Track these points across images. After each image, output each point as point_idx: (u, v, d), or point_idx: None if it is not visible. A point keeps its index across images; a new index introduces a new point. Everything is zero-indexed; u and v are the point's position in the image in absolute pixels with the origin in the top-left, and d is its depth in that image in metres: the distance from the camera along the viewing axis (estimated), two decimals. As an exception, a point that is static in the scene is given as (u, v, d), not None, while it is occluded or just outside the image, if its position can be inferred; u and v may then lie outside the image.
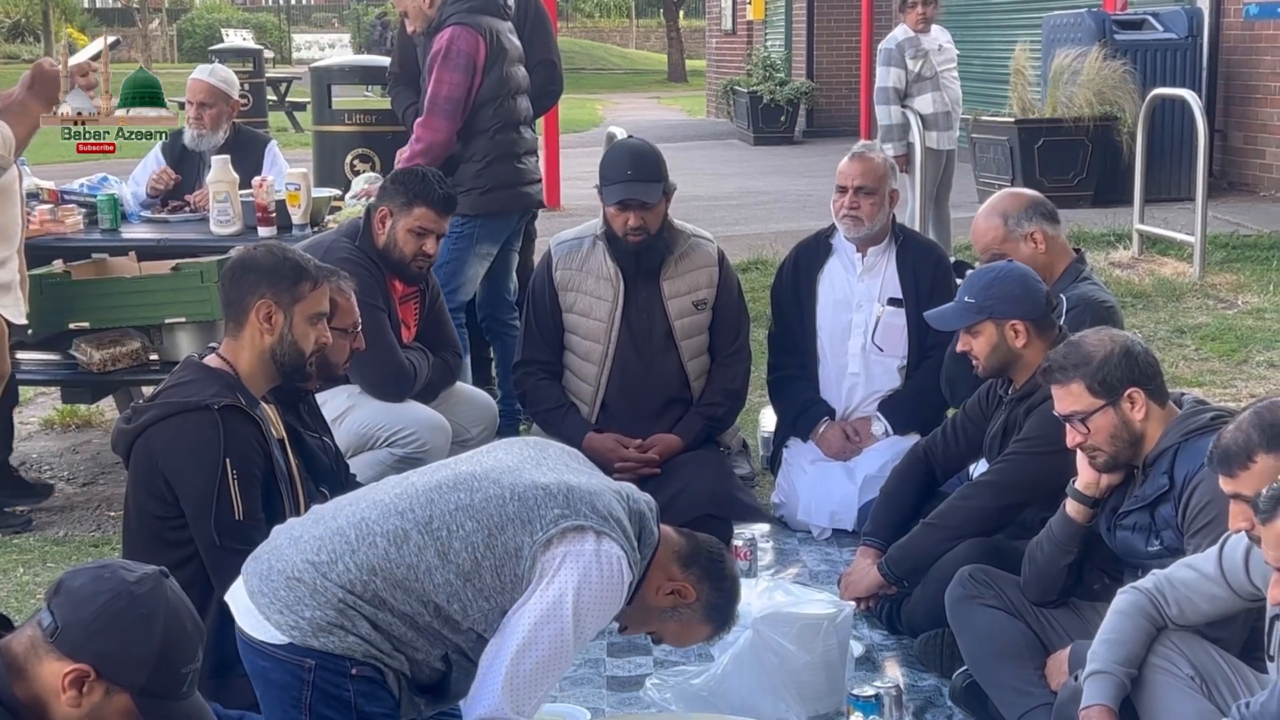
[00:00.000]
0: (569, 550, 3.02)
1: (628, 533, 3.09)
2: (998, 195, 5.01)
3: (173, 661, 2.49)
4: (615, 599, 3.06)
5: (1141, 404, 3.53)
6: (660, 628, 3.32)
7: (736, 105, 20.51)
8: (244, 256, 3.90)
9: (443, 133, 5.98)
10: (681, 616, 3.26)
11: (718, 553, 3.32)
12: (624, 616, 3.27)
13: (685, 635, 3.36)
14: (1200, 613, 3.20)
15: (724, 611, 3.31)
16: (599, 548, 3.03)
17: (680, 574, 3.23)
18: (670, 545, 3.24)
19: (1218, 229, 10.08)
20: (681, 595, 3.22)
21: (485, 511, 3.07)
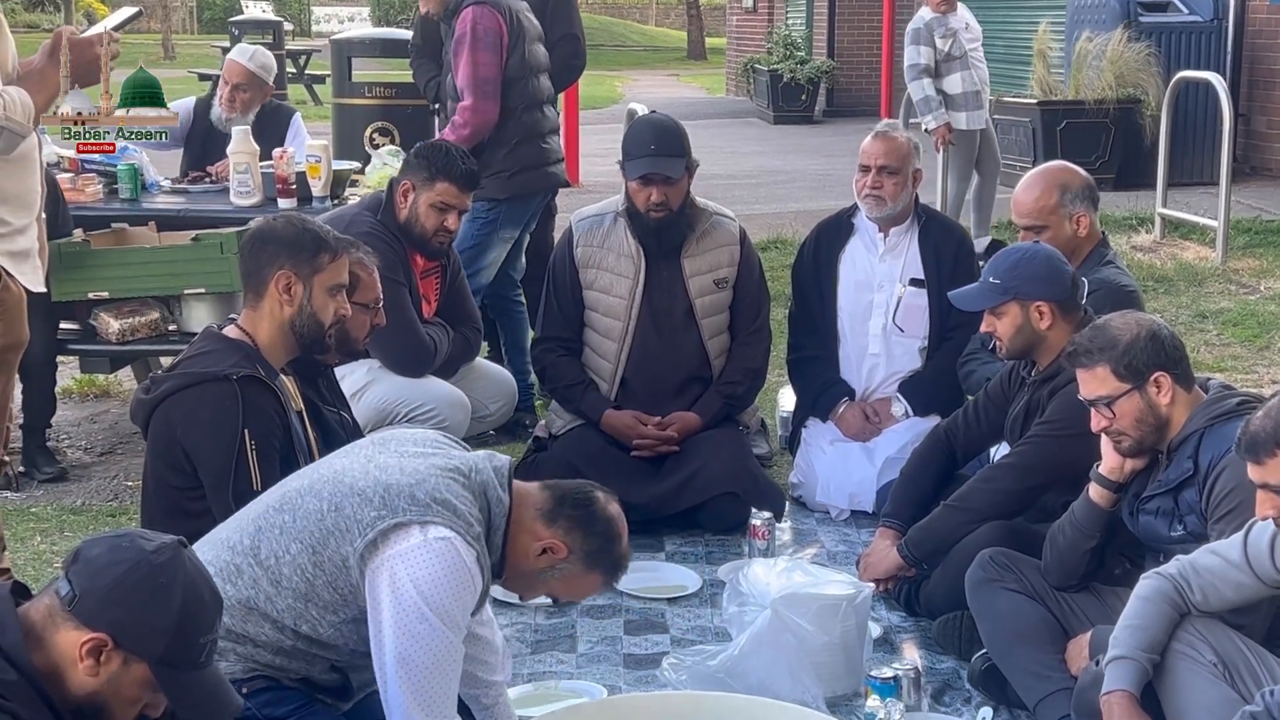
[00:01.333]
0: (394, 551, 2.94)
1: (459, 511, 2.99)
2: (1055, 166, 4.93)
3: (190, 631, 2.49)
4: (462, 580, 2.94)
5: (1167, 388, 3.51)
6: (547, 588, 3.22)
7: (756, 84, 20.44)
8: (263, 227, 3.89)
9: (489, 113, 5.92)
10: (562, 573, 3.15)
11: (584, 497, 3.17)
12: (509, 585, 3.22)
13: (575, 589, 3.24)
14: (1224, 599, 3.17)
15: (607, 556, 3.17)
16: (425, 538, 2.94)
17: (546, 531, 3.11)
18: (530, 505, 3.12)
19: (1240, 214, 10.03)
20: (553, 552, 3.11)
21: (306, 530, 3.02)
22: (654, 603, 4.50)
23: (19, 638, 2.44)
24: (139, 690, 2.49)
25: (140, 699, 2.51)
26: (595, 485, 3.26)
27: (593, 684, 3.93)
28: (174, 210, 6.06)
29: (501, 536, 3.08)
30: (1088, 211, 4.76)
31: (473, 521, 3.00)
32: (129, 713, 2.52)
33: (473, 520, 3.01)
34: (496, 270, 6.14)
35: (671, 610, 4.46)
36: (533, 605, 4.44)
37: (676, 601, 4.51)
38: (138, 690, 2.49)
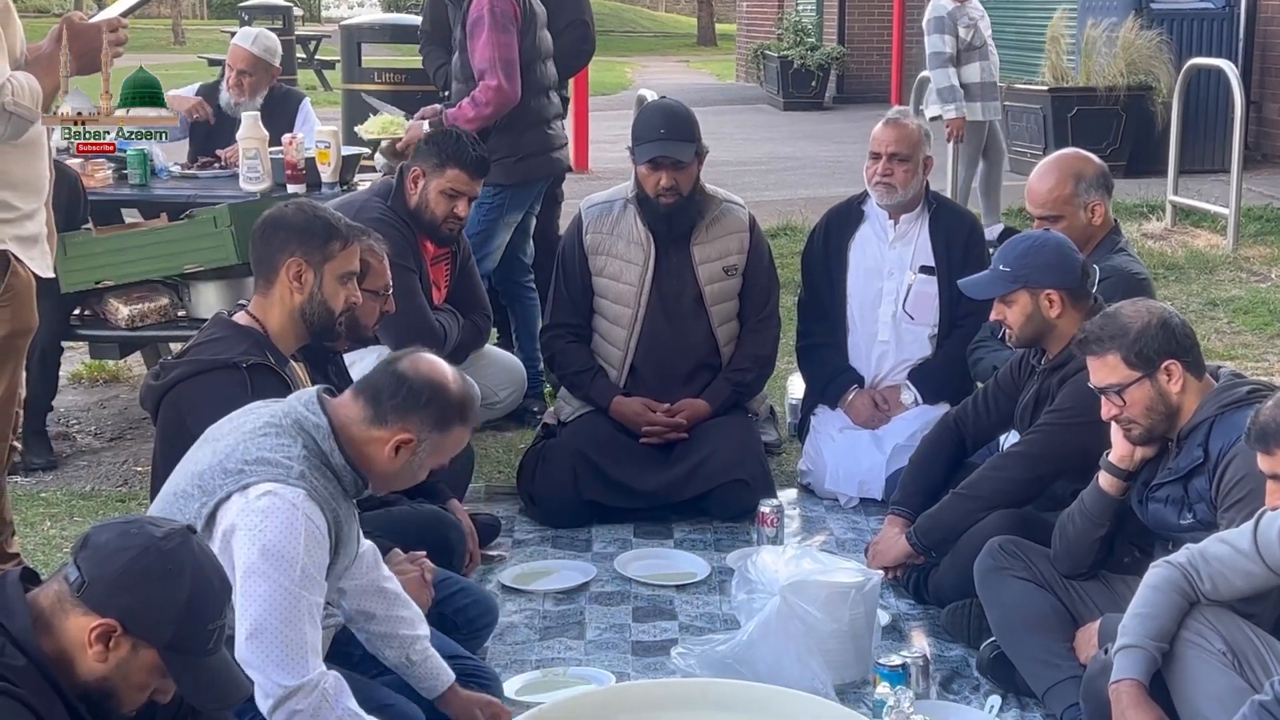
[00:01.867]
0: (224, 526, 2.96)
1: (272, 460, 2.99)
2: (1068, 154, 4.91)
3: (199, 617, 2.49)
4: (294, 523, 2.93)
5: (1178, 376, 3.50)
6: (424, 470, 3.19)
7: (766, 70, 20.40)
8: (274, 214, 3.88)
9: (513, 95, 5.85)
10: (426, 450, 3.14)
11: (393, 380, 3.12)
12: (386, 487, 3.21)
13: (446, 451, 3.20)
14: (1233, 588, 3.16)
15: (449, 409, 3.13)
16: (246, 500, 2.96)
17: (385, 431, 3.10)
18: (354, 418, 3.10)
19: (1252, 201, 10.00)
20: (405, 444, 3.10)
21: None
22: (662, 590, 4.51)
23: (28, 623, 2.45)
24: (148, 676, 2.49)
25: (149, 684, 2.51)
26: (392, 359, 3.22)
27: (601, 670, 3.93)
28: (184, 196, 6.06)
29: (341, 457, 3.07)
30: (1102, 199, 4.75)
31: (291, 463, 3.00)
32: (138, 698, 2.53)
33: (291, 462, 3.00)
34: (501, 255, 6.14)
35: (680, 597, 4.46)
36: (541, 593, 4.46)
37: (685, 588, 4.52)
38: (146, 676, 2.49)
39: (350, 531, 3.18)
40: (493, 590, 4.42)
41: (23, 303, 4.08)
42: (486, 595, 4.15)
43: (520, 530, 5.00)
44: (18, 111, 3.76)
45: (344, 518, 3.11)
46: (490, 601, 4.11)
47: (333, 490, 3.07)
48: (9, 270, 4.00)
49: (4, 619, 2.44)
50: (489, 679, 3.64)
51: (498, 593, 4.43)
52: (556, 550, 4.85)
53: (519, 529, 5.01)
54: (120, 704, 2.51)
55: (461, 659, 3.63)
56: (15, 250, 3.99)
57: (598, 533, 4.98)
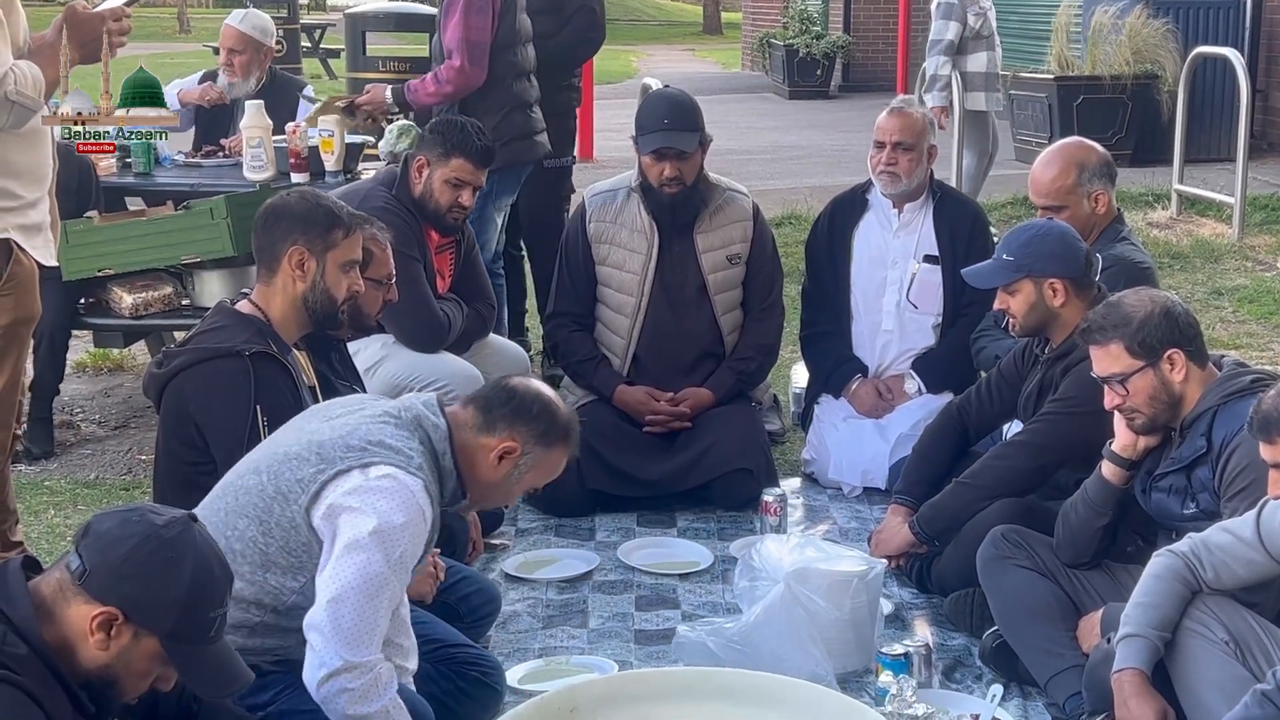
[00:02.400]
0: (337, 495, 3.00)
1: (395, 447, 3.05)
2: (1071, 143, 4.90)
3: (201, 605, 2.49)
4: (410, 508, 2.99)
5: (1181, 365, 3.49)
6: (521, 485, 3.28)
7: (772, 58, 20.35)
8: (276, 203, 3.88)
9: (476, 78, 5.89)
10: (527, 465, 3.21)
11: (505, 392, 3.23)
12: (483, 499, 3.27)
13: (547, 472, 3.29)
14: (1236, 577, 3.16)
15: (556, 428, 3.23)
16: (365, 479, 3.00)
17: (493, 439, 3.17)
18: (465, 424, 3.18)
19: (1257, 190, 9.98)
20: (510, 452, 3.17)
21: (249, 505, 3.07)
22: (666, 578, 4.51)
23: (30, 611, 2.45)
24: (149, 664, 2.50)
25: (151, 672, 2.52)
26: (504, 378, 3.34)
27: (604, 659, 3.94)
28: (187, 185, 6.06)
29: (451, 461, 3.13)
30: (1105, 189, 4.73)
31: (412, 454, 3.05)
32: (139, 686, 2.54)
33: (412, 453, 3.05)
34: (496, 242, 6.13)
35: (683, 586, 4.47)
36: (544, 581, 4.46)
37: (688, 577, 4.52)
38: (148, 664, 2.50)
39: (434, 540, 3.21)
40: (496, 579, 4.42)
41: (26, 291, 4.09)
42: (489, 584, 4.15)
43: (523, 519, 5.01)
44: (20, 101, 3.76)
45: (437, 523, 3.16)
46: (493, 590, 4.12)
47: (438, 492, 3.12)
48: (12, 259, 4.00)
49: (6, 607, 2.45)
50: (492, 667, 3.64)
51: (501, 581, 4.43)
52: (559, 539, 4.86)
53: (522, 518, 5.01)
54: (122, 692, 2.52)
55: (464, 647, 3.63)
56: (18, 239, 3.99)
57: (601, 521, 4.98)
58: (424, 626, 3.62)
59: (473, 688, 3.56)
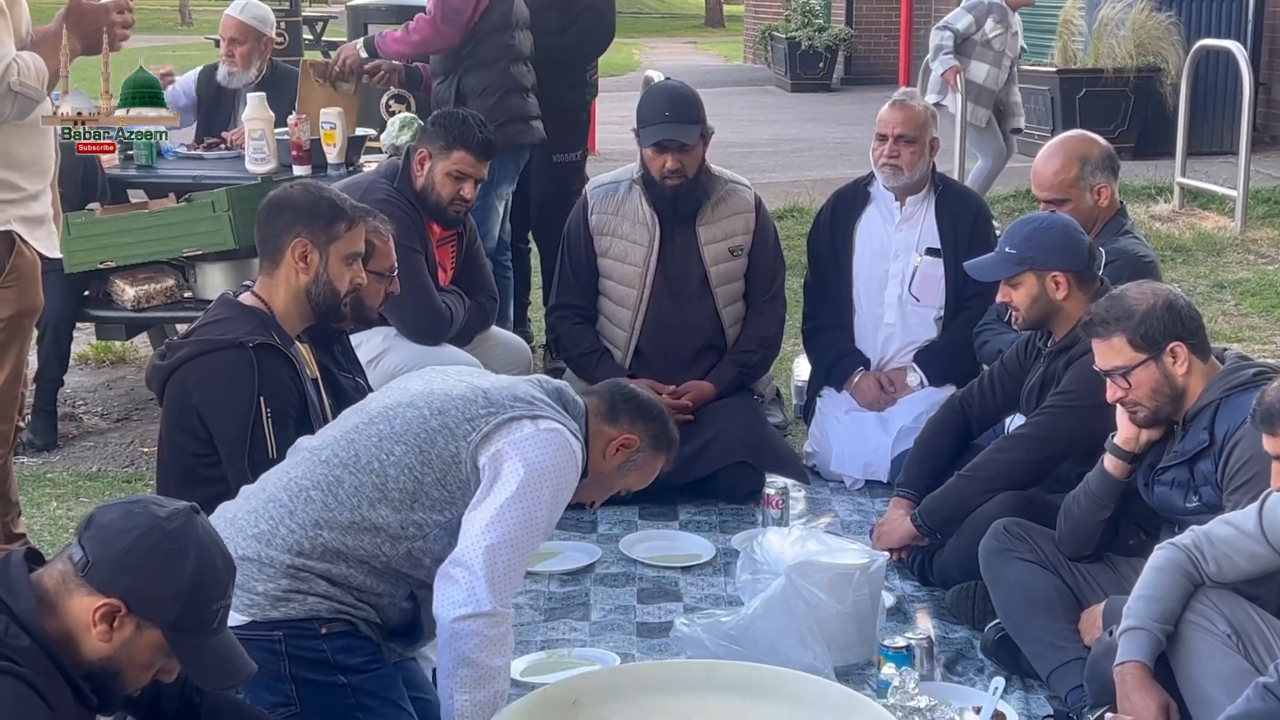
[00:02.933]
0: (507, 440, 3.08)
1: (556, 409, 3.17)
2: (1074, 136, 4.88)
3: (204, 597, 2.49)
4: (569, 469, 3.12)
5: (1184, 358, 3.49)
6: (624, 482, 3.42)
7: (774, 51, 20.33)
8: (279, 195, 3.87)
9: (447, 39, 5.94)
10: (636, 463, 3.36)
11: (628, 391, 3.39)
12: (589, 492, 3.36)
13: (646, 474, 3.44)
14: (1238, 570, 3.16)
15: (666, 435, 3.39)
16: (536, 429, 3.09)
17: (615, 429, 3.31)
18: (595, 411, 3.31)
19: (1260, 183, 9.97)
20: (628, 445, 3.31)
21: (410, 433, 3.12)
22: (668, 571, 4.51)
23: (32, 604, 2.45)
24: (152, 655, 2.50)
25: (153, 664, 2.52)
26: (618, 380, 3.52)
27: (606, 651, 3.94)
28: (189, 178, 6.06)
29: (583, 439, 3.23)
30: (1108, 181, 4.73)
31: (567, 418, 3.17)
32: (142, 678, 2.54)
33: (566, 417, 3.17)
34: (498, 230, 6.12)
35: (685, 579, 4.47)
36: (546, 574, 4.46)
37: (690, 570, 4.52)
38: (151, 655, 2.50)
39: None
40: (498, 571, 4.42)
41: (28, 283, 4.09)
42: (492, 576, 4.15)
43: (526, 511, 5.00)
44: (23, 91, 3.76)
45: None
46: (495, 582, 4.12)
47: (582, 458, 3.22)
48: (14, 251, 4.00)
49: (8, 599, 2.45)
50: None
51: (503, 574, 4.43)
52: (561, 531, 4.84)
53: (524, 510, 5.00)
54: (125, 684, 2.52)
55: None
56: (21, 231, 3.99)
57: (603, 514, 4.98)
58: (427, 618, 3.64)
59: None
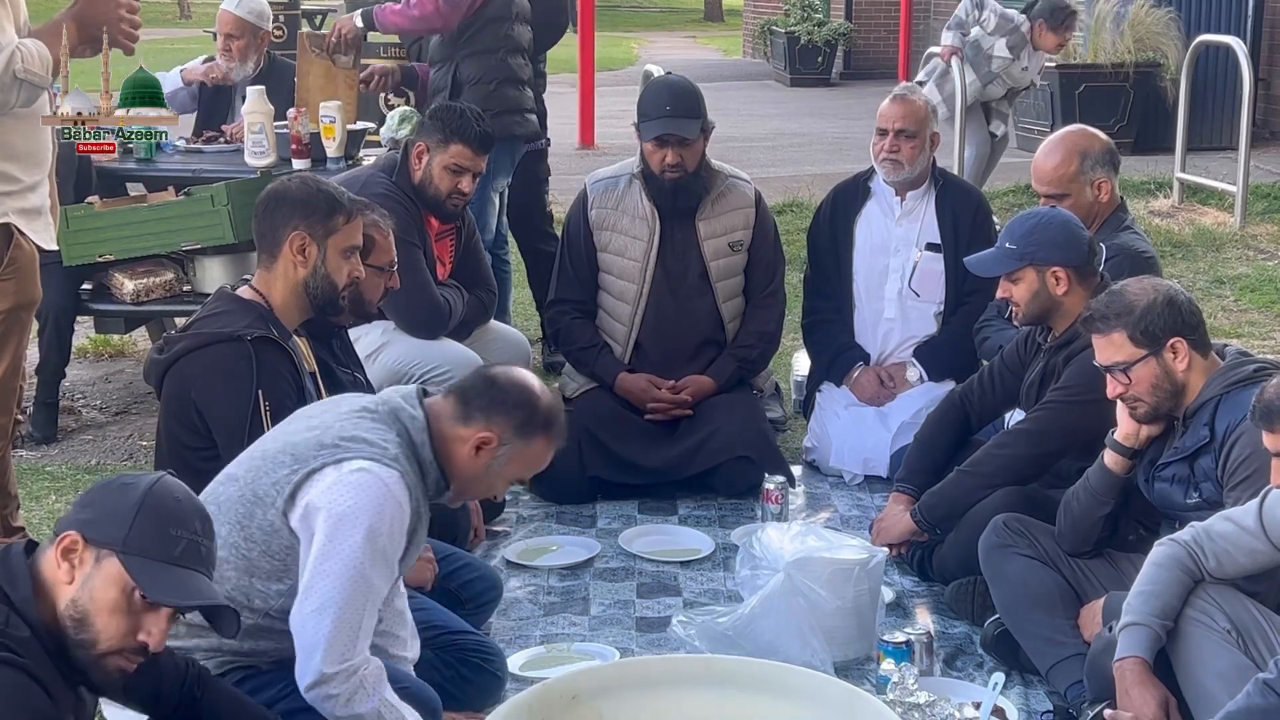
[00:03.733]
0: (312, 494, 2.98)
1: (369, 440, 3.02)
2: (1074, 131, 4.89)
3: (154, 517, 2.48)
4: (384, 503, 2.96)
5: (1184, 354, 3.49)
6: (503, 477, 3.22)
7: (773, 46, 20.30)
8: (278, 188, 3.87)
9: (447, 20, 5.90)
10: (507, 456, 3.15)
11: (484, 382, 3.19)
12: (465, 491, 3.22)
13: (530, 463, 3.24)
14: (1238, 566, 3.16)
15: (536, 419, 3.16)
16: (340, 474, 2.97)
17: (469, 430, 3.12)
18: (444, 415, 3.14)
19: (1259, 179, 9.97)
20: (486, 443, 3.12)
21: (230, 511, 3.06)
22: (667, 566, 4.51)
23: (30, 593, 2.46)
24: (115, 592, 2.47)
25: (119, 605, 2.47)
26: (486, 366, 3.34)
27: (605, 646, 3.94)
28: (188, 171, 6.05)
29: (430, 451, 3.10)
30: (1108, 176, 4.72)
31: (387, 445, 3.03)
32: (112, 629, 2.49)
33: (387, 444, 3.03)
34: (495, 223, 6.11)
35: (684, 573, 4.47)
36: (546, 569, 4.46)
37: (689, 565, 4.52)
38: (114, 592, 2.47)
39: (422, 532, 3.20)
40: (497, 566, 4.43)
41: (26, 275, 4.08)
42: (491, 571, 4.16)
43: (525, 506, 5.01)
44: (28, 79, 3.75)
45: (422, 514, 3.15)
46: (495, 577, 4.12)
47: (418, 484, 3.10)
48: (12, 243, 3.99)
49: (9, 589, 2.46)
50: (493, 654, 3.65)
51: (502, 568, 4.44)
52: (561, 526, 4.86)
53: (523, 505, 5.01)
54: (95, 637, 2.48)
55: (466, 634, 3.64)
56: (18, 223, 3.98)
57: (602, 509, 4.98)
58: (425, 613, 3.63)
59: (474, 674, 3.56)
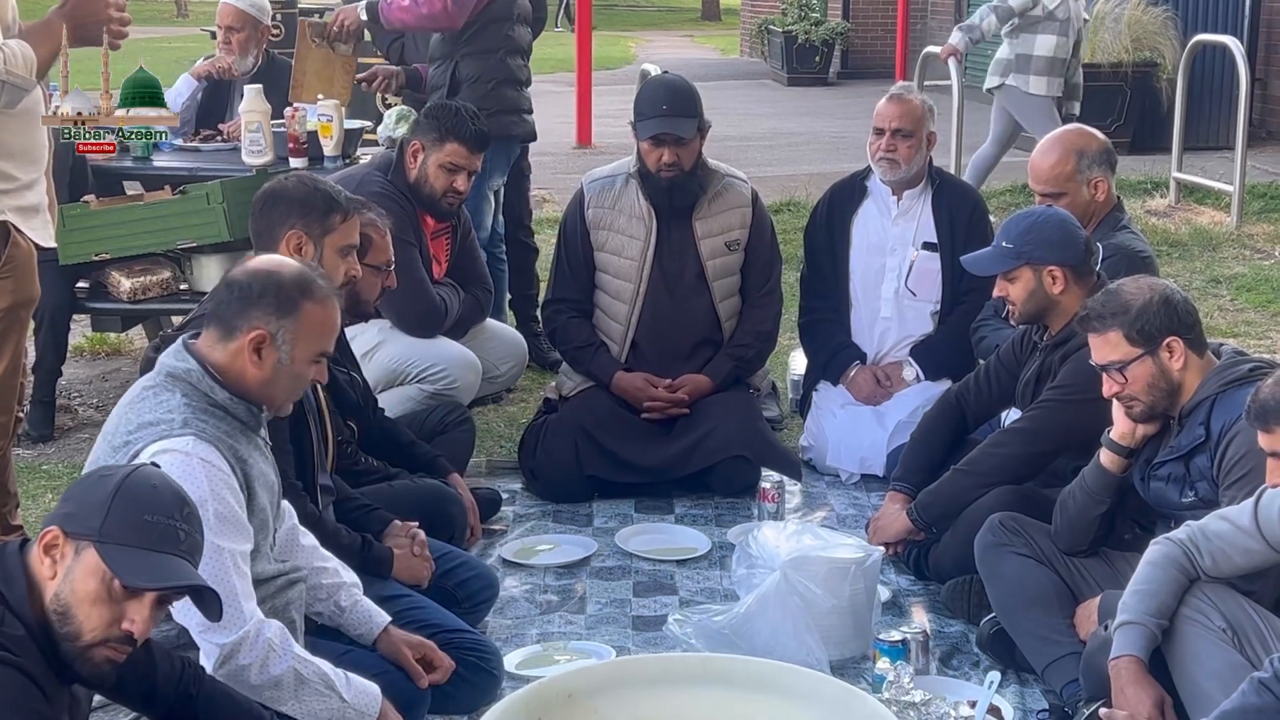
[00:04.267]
0: None
1: (154, 420, 2.97)
2: (1071, 130, 4.90)
3: (130, 506, 2.48)
4: (193, 473, 2.87)
5: (1180, 353, 3.49)
6: (301, 362, 3.10)
7: (771, 45, 20.32)
8: (275, 186, 3.87)
9: (453, 22, 5.89)
10: (288, 339, 3.05)
11: (225, 288, 3.12)
12: (275, 399, 3.12)
13: (319, 336, 3.12)
14: (1233, 565, 3.16)
15: (288, 290, 3.06)
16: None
17: (238, 338, 3.04)
18: (212, 344, 3.08)
19: (1256, 179, 9.97)
20: (261, 341, 3.04)
21: None
22: (663, 565, 4.51)
23: (24, 591, 2.47)
24: (94, 583, 2.46)
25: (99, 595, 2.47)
26: (227, 271, 3.24)
27: (601, 645, 3.94)
28: (185, 169, 6.05)
29: (222, 389, 3.04)
30: (1105, 176, 4.73)
31: (172, 415, 2.98)
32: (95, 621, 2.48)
33: (171, 413, 2.98)
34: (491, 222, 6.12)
35: (681, 572, 4.47)
36: (542, 567, 4.46)
37: (686, 564, 4.52)
38: (95, 582, 2.46)
39: (261, 469, 3.11)
40: (493, 564, 4.42)
41: (24, 273, 4.08)
42: (487, 569, 4.16)
43: (521, 505, 5.01)
44: (11, 80, 3.75)
45: (248, 455, 3.06)
46: (491, 576, 4.12)
47: (227, 428, 3.03)
48: (9, 241, 3.99)
49: (4, 589, 2.46)
50: (489, 653, 3.65)
51: (498, 567, 4.44)
52: (557, 525, 4.86)
53: (520, 504, 5.01)
54: (79, 630, 2.48)
55: (462, 632, 3.64)
56: (15, 221, 3.98)
57: (599, 508, 4.98)
58: (421, 611, 3.64)
59: (470, 673, 3.56)
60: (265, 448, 3.18)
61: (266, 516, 3.13)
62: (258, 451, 3.12)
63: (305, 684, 2.98)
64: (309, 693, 2.99)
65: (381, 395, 4.74)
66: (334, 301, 3.17)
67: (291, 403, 3.24)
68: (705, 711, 3.16)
